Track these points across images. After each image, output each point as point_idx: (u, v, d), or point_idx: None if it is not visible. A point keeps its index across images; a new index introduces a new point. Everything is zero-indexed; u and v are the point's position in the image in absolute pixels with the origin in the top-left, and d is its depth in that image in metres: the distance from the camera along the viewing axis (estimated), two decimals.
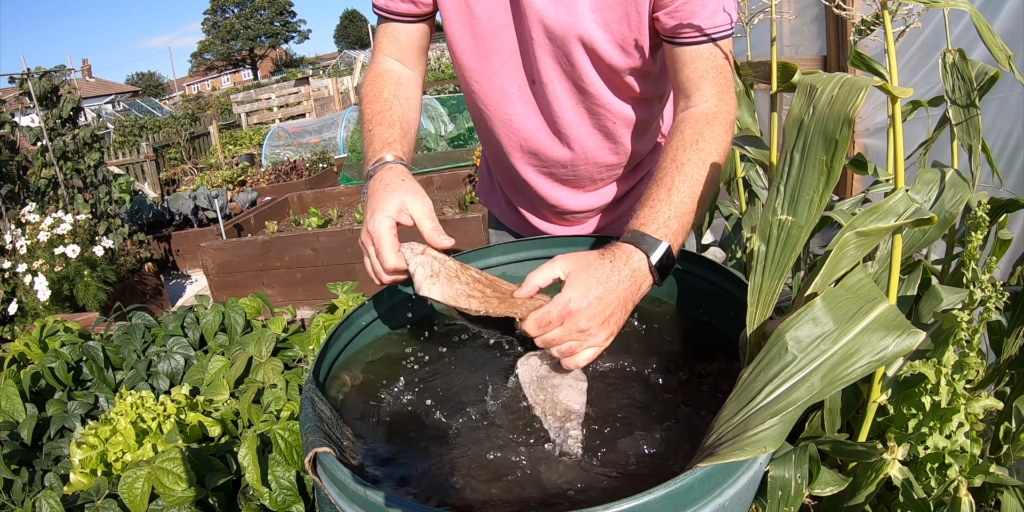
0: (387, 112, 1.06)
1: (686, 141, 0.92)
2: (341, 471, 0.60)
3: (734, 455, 0.55)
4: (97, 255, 3.85)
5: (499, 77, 1.10)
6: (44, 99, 4.44)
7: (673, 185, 0.87)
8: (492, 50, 1.07)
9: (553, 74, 1.06)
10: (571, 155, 1.15)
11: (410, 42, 1.15)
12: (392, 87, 1.10)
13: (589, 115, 1.10)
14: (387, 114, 1.05)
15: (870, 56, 0.99)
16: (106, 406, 2.12)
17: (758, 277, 0.66)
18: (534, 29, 1.02)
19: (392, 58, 1.15)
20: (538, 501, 0.65)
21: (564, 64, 1.04)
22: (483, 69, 1.10)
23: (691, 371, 0.84)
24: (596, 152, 1.15)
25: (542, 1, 0.99)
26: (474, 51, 1.08)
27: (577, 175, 1.19)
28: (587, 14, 0.99)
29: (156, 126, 14.27)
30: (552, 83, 1.07)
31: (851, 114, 0.58)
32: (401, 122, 1.05)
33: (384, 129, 1.03)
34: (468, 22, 1.06)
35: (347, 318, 0.93)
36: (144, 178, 8.68)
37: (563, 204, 1.24)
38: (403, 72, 1.15)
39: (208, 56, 58.48)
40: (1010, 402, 0.88)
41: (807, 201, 0.62)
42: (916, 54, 2.06)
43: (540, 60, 1.05)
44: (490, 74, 1.10)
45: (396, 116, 1.06)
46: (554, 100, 1.08)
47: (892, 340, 0.58)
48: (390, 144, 1.00)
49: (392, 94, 1.09)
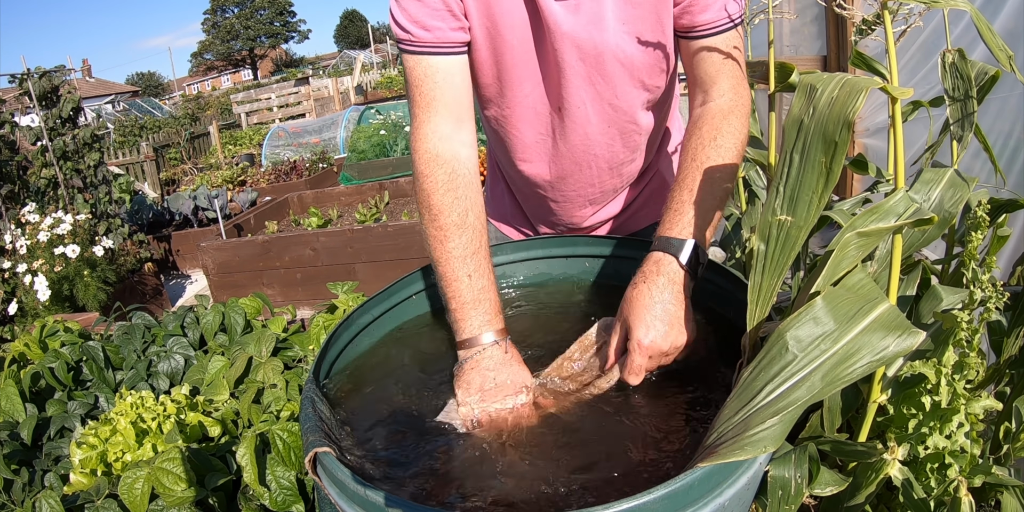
0: (481, 251, 0.92)
1: (704, 139, 0.93)
2: (341, 471, 0.60)
3: (734, 455, 0.55)
4: (97, 255, 3.85)
5: (531, 101, 1.04)
6: (44, 99, 4.44)
7: (695, 185, 0.89)
8: (523, 77, 1.01)
9: (586, 97, 1.01)
10: (599, 175, 1.14)
11: (465, 85, 0.97)
12: (475, 199, 0.94)
13: (620, 134, 1.08)
14: (482, 255, 0.92)
15: (871, 56, 0.99)
16: (106, 406, 2.12)
17: (758, 276, 0.67)
18: (566, 53, 0.96)
19: (448, 120, 0.95)
20: (538, 501, 0.65)
21: (599, 84, 1.01)
22: (513, 95, 1.04)
23: (690, 371, 0.84)
24: (623, 166, 1.14)
25: (570, 22, 0.94)
26: (501, 80, 1.02)
27: (604, 191, 1.18)
28: (618, 28, 0.96)
29: (156, 126, 14.28)
30: (584, 107, 1.02)
31: (851, 117, 0.58)
32: (485, 261, 0.92)
33: (487, 282, 0.90)
34: (497, 48, 0.98)
35: (347, 318, 0.93)
36: (144, 178, 8.68)
37: (586, 221, 1.23)
38: (466, 155, 0.96)
39: (208, 56, 58.47)
40: (1010, 402, 0.88)
41: (806, 202, 0.63)
42: (916, 54, 2.06)
43: (573, 85, 1.00)
44: (522, 99, 1.04)
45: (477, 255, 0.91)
46: (585, 125, 1.05)
47: (892, 340, 0.58)
48: (489, 321, 0.88)
49: (475, 216, 0.93)
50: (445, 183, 0.93)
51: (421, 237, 0.96)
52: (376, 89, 15.88)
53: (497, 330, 0.88)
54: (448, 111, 0.96)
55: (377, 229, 3.77)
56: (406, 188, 5.23)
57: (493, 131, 1.15)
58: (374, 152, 6.46)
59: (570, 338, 0.89)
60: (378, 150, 6.48)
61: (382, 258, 3.82)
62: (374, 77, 19.22)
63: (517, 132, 1.09)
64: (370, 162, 6.11)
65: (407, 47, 0.95)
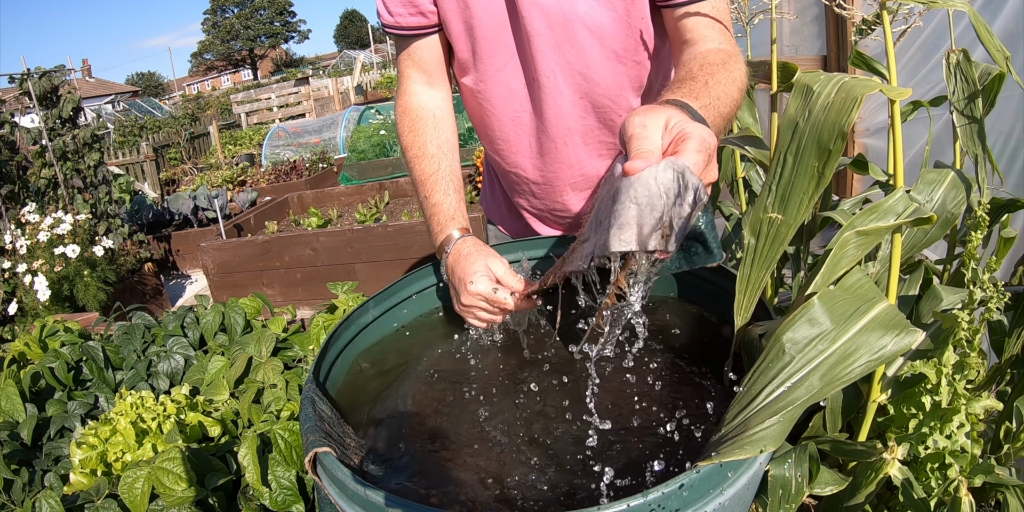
0: (437, 174, 1.08)
1: (712, 61, 0.88)
2: (341, 471, 0.60)
3: (734, 454, 0.55)
4: (97, 255, 3.85)
5: (504, 74, 1.08)
6: (44, 99, 4.44)
7: (708, 83, 0.83)
8: (495, 49, 1.06)
9: (556, 67, 1.04)
10: (576, 154, 1.13)
11: (432, 58, 1.14)
12: (432, 133, 1.12)
13: (593, 108, 1.08)
14: (439, 177, 1.08)
15: (870, 56, 0.99)
16: (106, 406, 2.11)
17: (747, 268, 0.69)
18: (534, 20, 1.00)
19: (419, 82, 1.15)
20: (538, 500, 0.65)
21: (569, 53, 1.02)
22: (486, 68, 1.09)
23: (689, 370, 0.84)
24: (603, 148, 1.13)
25: None
26: (476, 51, 1.07)
27: (585, 175, 1.17)
28: None
29: (156, 126, 14.28)
30: (555, 77, 1.05)
31: (846, 127, 0.59)
32: (454, 182, 1.08)
33: (442, 197, 1.06)
34: (468, 22, 1.05)
35: (347, 318, 0.93)
36: (144, 178, 8.68)
37: (570, 208, 1.22)
38: (435, 105, 1.15)
39: (208, 56, 58.48)
40: (1011, 402, 0.88)
41: (797, 202, 0.64)
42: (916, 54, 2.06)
43: (541, 54, 1.03)
44: (495, 72, 1.09)
45: (447, 176, 1.08)
46: (556, 96, 1.06)
47: (890, 339, 0.58)
48: (453, 218, 1.04)
49: (436, 146, 1.11)
50: (409, 127, 1.13)
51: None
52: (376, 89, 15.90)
53: (459, 228, 1.02)
54: (418, 77, 1.15)
55: (377, 229, 3.77)
56: (406, 188, 5.23)
57: (475, 116, 1.19)
58: (374, 152, 6.46)
59: (571, 337, 0.89)
60: (378, 150, 6.48)
61: (382, 258, 3.82)
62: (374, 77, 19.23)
63: (493, 109, 1.13)
64: (370, 162, 6.11)
65: (386, 29, 1.13)
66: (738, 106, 0.87)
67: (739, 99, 0.87)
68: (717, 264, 0.90)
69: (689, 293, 0.97)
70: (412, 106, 1.14)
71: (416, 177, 1.10)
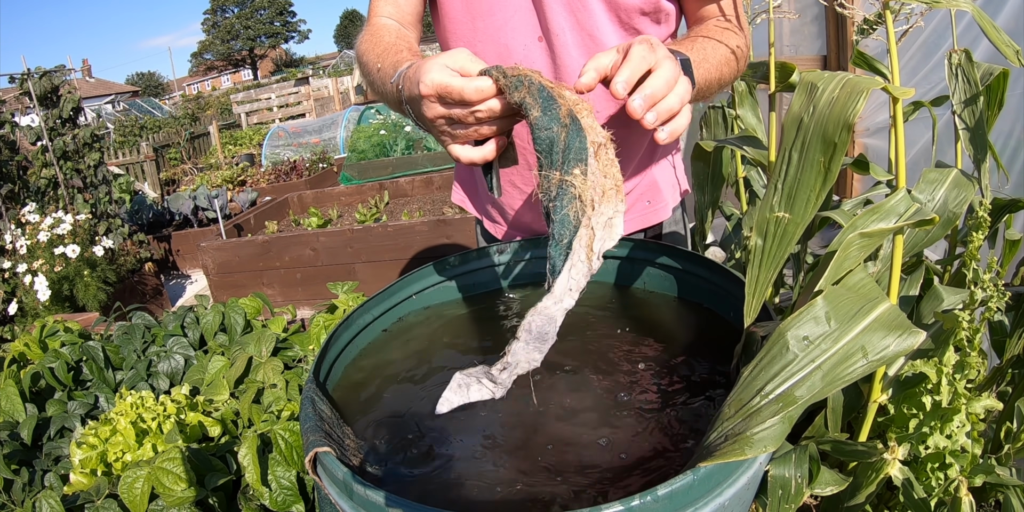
0: (394, 47, 1.00)
1: (711, 31, 0.93)
2: (341, 471, 0.60)
3: (734, 454, 0.54)
4: (97, 255, 3.85)
5: (503, 34, 1.05)
6: (44, 99, 4.44)
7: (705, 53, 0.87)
8: (495, 6, 1.03)
9: (565, 25, 1.01)
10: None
11: (409, 5, 1.12)
12: (394, 33, 1.06)
13: None
14: (395, 49, 0.99)
15: (871, 56, 0.99)
16: (106, 406, 2.11)
17: (755, 269, 0.69)
18: None
19: (390, 18, 1.12)
20: (538, 501, 0.65)
21: (579, 12, 1.01)
22: (486, 27, 1.05)
23: (689, 370, 0.84)
24: (605, 114, 1.09)
25: None
26: (471, 9, 1.04)
27: None
28: None
29: (156, 126, 14.27)
30: (563, 35, 1.02)
31: (851, 120, 0.58)
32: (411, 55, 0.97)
33: (395, 56, 0.95)
34: None
35: (347, 318, 0.93)
36: (144, 178, 8.68)
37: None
38: (402, 29, 1.11)
39: (208, 56, 58.48)
40: (1011, 402, 0.88)
41: (803, 200, 0.63)
42: (917, 54, 2.05)
43: (552, 10, 1.00)
44: (494, 32, 1.05)
45: (404, 49, 0.98)
46: (564, 55, 1.04)
47: (893, 340, 0.58)
48: (408, 59, 0.93)
49: (395, 37, 1.04)
50: (368, 38, 1.06)
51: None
52: None
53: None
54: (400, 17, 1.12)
55: (377, 229, 3.77)
56: (406, 188, 5.23)
57: None
58: (374, 152, 6.46)
59: (571, 337, 0.89)
60: (378, 150, 6.48)
61: (382, 258, 3.82)
62: None
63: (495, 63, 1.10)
64: (370, 162, 6.11)
65: None
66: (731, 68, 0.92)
67: (732, 59, 0.91)
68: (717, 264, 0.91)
69: (688, 293, 0.97)
70: (379, 24, 1.10)
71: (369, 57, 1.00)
